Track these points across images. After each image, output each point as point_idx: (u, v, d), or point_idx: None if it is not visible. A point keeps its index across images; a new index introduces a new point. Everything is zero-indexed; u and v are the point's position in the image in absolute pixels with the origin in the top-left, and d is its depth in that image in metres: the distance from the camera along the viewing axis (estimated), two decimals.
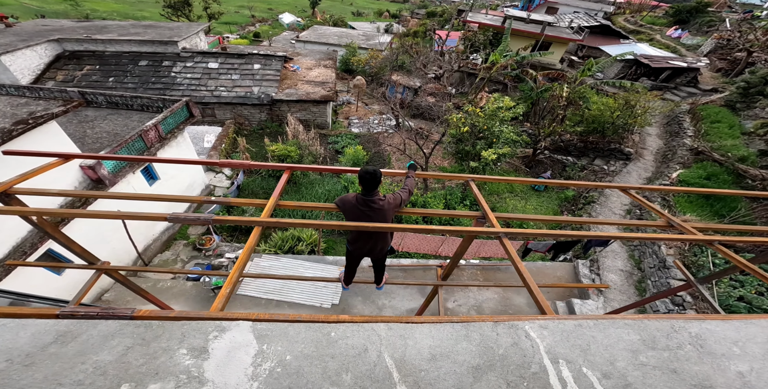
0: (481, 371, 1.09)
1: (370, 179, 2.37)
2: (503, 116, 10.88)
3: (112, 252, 7.20)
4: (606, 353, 1.16)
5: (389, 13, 52.19)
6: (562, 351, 1.17)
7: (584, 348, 1.18)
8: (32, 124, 5.54)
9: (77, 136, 8.55)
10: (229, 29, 34.16)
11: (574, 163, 13.44)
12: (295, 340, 1.08)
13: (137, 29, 17.77)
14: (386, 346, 1.14)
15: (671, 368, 1.11)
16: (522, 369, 1.11)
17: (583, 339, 1.21)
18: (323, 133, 16.65)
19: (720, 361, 1.16)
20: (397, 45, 25.21)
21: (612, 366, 1.12)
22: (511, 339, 1.22)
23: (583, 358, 1.14)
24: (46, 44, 15.36)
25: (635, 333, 1.25)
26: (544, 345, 1.19)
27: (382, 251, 2.95)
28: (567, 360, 1.14)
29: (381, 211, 2.45)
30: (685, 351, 1.18)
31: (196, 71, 15.87)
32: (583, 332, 1.24)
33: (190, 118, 10.07)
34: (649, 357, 1.16)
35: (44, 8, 39.93)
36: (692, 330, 1.28)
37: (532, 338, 1.22)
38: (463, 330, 1.24)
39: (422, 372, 1.06)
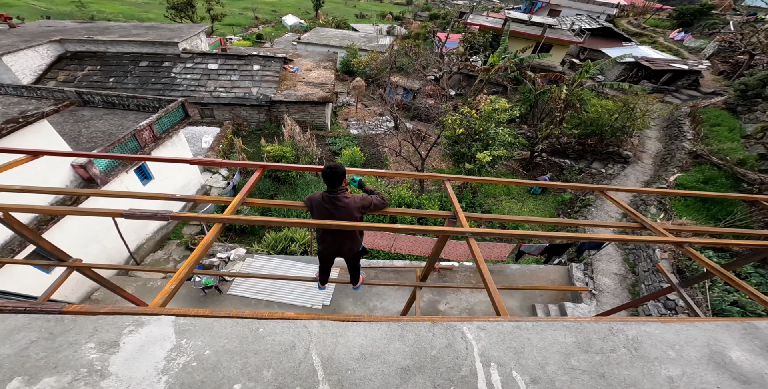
0: (410, 372, 1.06)
1: (329, 174, 2.39)
2: (499, 118, 10.85)
3: (103, 252, 7.22)
4: (539, 356, 1.13)
5: (392, 15, 52.44)
6: (496, 353, 1.14)
7: (518, 351, 1.15)
8: (22, 122, 5.58)
9: (72, 136, 8.61)
10: (233, 31, 34.44)
11: (572, 165, 13.35)
12: (218, 335, 1.06)
13: (139, 30, 17.94)
14: (315, 344, 1.11)
15: (600, 372, 1.08)
16: (452, 371, 1.08)
17: (519, 342, 1.18)
18: (321, 135, 16.69)
19: (651, 365, 1.12)
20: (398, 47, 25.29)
21: (542, 370, 1.09)
22: (447, 340, 1.19)
23: (515, 361, 1.11)
24: (48, 45, 15.53)
25: (572, 335, 1.22)
26: (479, 347, 1.16)
27: (351, 250, 2.92)
28: (499, 363, 1.10)
29: (345, 209, 2.45)
30: (618, 354, 1.15)
31: (196, 72, 15.97)
32: (520, 334, 1.21)
33: (185, 118, 10.11)
34: (581, 360, 1.12)
35: (51, 9, 40.54)
36: (630, 333, 1.24)
37: (468, 340, 1.19)
38: (398, 330, 1.21)
39: (348, 372, 1.04)
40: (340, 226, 2.13)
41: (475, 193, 12.99)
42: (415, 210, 2.69)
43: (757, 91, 11.96)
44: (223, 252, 8.71)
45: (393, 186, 12.46)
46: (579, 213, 10.38)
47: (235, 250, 9.15)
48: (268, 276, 3.98)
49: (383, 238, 8.19)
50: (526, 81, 15.81)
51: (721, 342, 1.24)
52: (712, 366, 1.14)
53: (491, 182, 3.06)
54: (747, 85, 12.27)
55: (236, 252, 9.04)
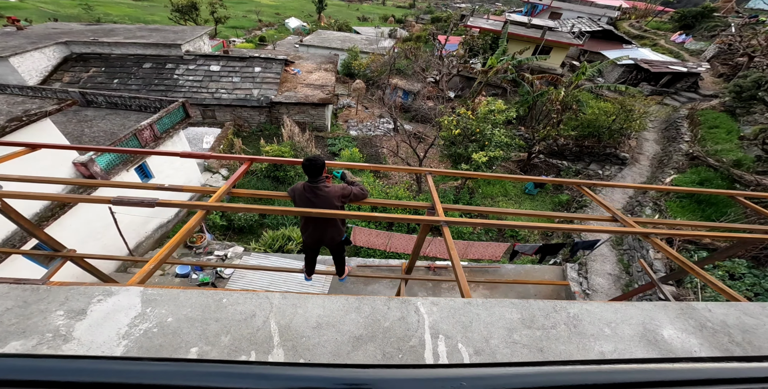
0: (362, 341, 1.14)
1: (309, 166, 2.51)
2: (495, 119, 10.93)
3: (103, 249, 7.35)
4: (485, 330, 1.20)
5: (394, 18, 52.77)
6: (445, 327, 1.21)
7: (466, 325, 1.22)
8: (26, 121, 5.74)
9: (75, 135, 8.80)
10: (236, 33, 34.85)
11: (569, 167, 13.38)
12: (183, 305, 1.14)
13: (143, 32, 18.24)
14: (275, 313, 1.18)
15: (539, 347, 1.15)
16: (402, 341, 1.16)
17: (468, 317, 1.25)
18: (321, 136, 16.84)
19: (587, 341, 1.19)
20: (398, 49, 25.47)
21: (486, 343, 1.16)
22: (400, 313, 1.26)
23: (462, 334, 1.18)
24: (54, 47, 15.83)
25: (518, 312, 1.29)
26: (430, 321, 1.23)
27: (333, 240, 2.99)
28: (447, 335, 1.18)
29: (325, 198, 2.55)
30: (558, 330, 1.22)
31: (198, 73, 16.21)
32: (470, 310, 1.28)
33: (186, 118, 10.28)
34: (523, 335, 1.19)
35: (59, 12, 41.20)
36: (572, 311, 1.31)
37: (421, 313, 1.26)
38: (355, 303, 1.28)
39: (303, 338, 1.10)
40: (321, 214, 2.27)
41: (472, 193, 13.05)
42: (395, 201, 2.78)
43: (751, 93, 11.94)
44: (220, 250, 8.83)
45: (390, 186, 12.55)
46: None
47: (233, 248, 9.27)
48: (260, 268, 4.11)
49: (379, 237, 8.26)
50: (524, 83, 15.91)
51: (656, 321, 1.32)
52: (643, 343, 1.21)
53: (471, 176, 3.17)
54: (741, 86, 12.25)
55: (234, 250, 9.16)
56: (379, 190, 11.88)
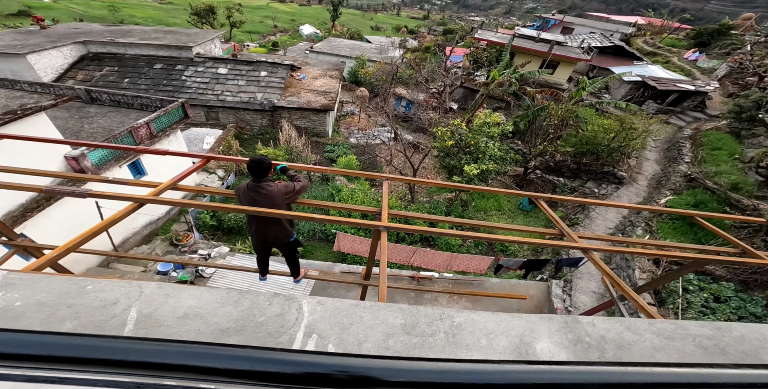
0: (227, 334, 1.10)
1: (254, 167, 2.55)
2: (490, 132, 10.89)
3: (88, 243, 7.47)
4: (362, 333, 1.17)
5: (407, 28, 53.62)
6: (323, 326, 1.18)
7: (345, 327, 1.19)
8: (20, 114, 5.96)
9: (74, 130, 9.08)
10: (251, 38, 35.87)
11: (565, 184, 13.18)
12: (40, 290, 1.10)
13: (158, 34, 18.91)
14: (142, 302, 1.14)
15: (410, 354, 1.11)
16: (270, 337, 1.12)
17: (350, 319, 1.22)
18: (321, 142, 17.01)
19: (459, 351, 1.15)
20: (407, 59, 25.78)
21: (358, 346, 1.12)
22: (281, 310, 1.22)
23: (337, 335, 1.15)
24: (72, 46, 16.49)
25: (402, 318, 1.26)
26: (309, 319, 1.20)
27: (278, 239, 2.96)
28: (321, 335, 1.14)
29: (268, 196, 2.57)
30: (435, 338, 1.18)
31: (206, 76, 16.65)
32: (355, 312, 1.25)
33: (185, 118, 10.54)
34: (398, 341, 1.16)
35: (88, 13, 43.12)
36: (457, 320, 1.27)
37: (302, 312, 1.23)
38: (236, 297, 1.25)
39: (162, 327, 1.07)
40: (267, 213, 2.26)
41: (465, 206, 12.94)
42: (343, 205, 2.75)
43: (751, 114, 11.61)
44: (205, 249, 8.91)
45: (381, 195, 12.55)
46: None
47: (218, 248, 9.34)
48: (239, 268, 4.14)
49: (362, 244, 8.24)
50: (525, 97, 15.87)
51: (536, 334, 1.28)
52: (514, 355, 1.17)
53: (443, 186, 3.15)
54: (741, 106, 11.92)
55: (218, 250, 9.23)
56: (370, 198, 11.88)
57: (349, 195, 11.92)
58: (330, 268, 9.09)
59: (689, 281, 6.38)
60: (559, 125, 13.27)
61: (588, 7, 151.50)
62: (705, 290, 6.23)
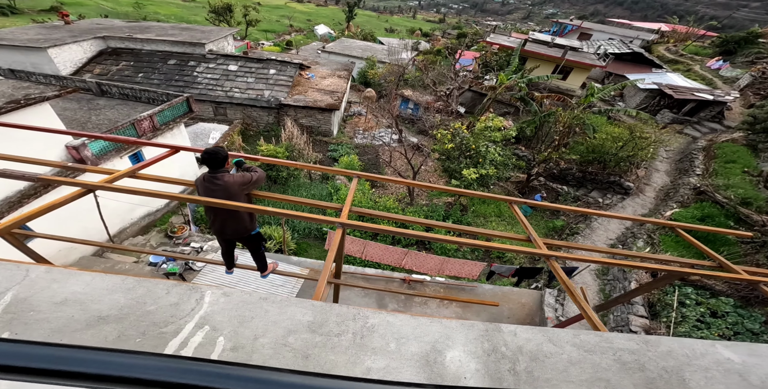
0: (105, 321, 1.07)
1: (207, 158, 2.56)
2: (492, 136, 10.72)
3: (83, 230, 7.65)
4: (262, 328, 1.13)
5: (421, 31, 53.55)
6: (220, 318, 1.14)
7: (245, 320, 1.15)
8: (23, 104, 6.18)
9: (82, 121, 9.38)
10: (266, 36, 36.50)
11: (568, 193, 12.83)
12: None
13: (175, 31, 19.42)
14: (24, 286, 1.12)
15: (307, 353, 1.08)
16: (155, 326, 1.08)
17: (254, 312, 1.18)
18: (325, 141, 17.11)
19: (362, 354, 1.10)
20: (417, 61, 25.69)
21: (254, 341, 1.09)
22: (178, 299, 1.19)
23: (232, 329, 1.11)
24: (92, 40, 17.07)
25: (312, 315, 1.22)
26: (207, 311, 1.16)
27: (238, 232, 2.92)
28: (214, 327, 1.11)
29: (223, 187, 2.55)
30: (342, 339, 1.14)
31: (216, 72, 17.00)
32: (262, 305, 1.21)
33: (189, 112, 10.75)
34: (300, 339, 1.12)
35: (115, 9, 44.68)
36: (372, 321, 1.22)
37: (203, 303, 1.19)
38: (131, 285, 1.22)
39: (31, 313, 1.04)
40: (226, 205, 2.21)
41: (464, 211, 12.75)
42: (305, 200, 2.69)
43: (765, 125, 11.01)
44: (198, 242, 9.03)
45: (380, 196, 12.49)
46: (564, 240, 9.96)
47: (212, 242, 9.46)
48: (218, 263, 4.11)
49: (354, 244, 8.21)
50: (532, 102, 15.57)
51: (451, 341, 1.21)
52: (421, 363, 1.12)
53: (395, 182, 3.08)
54: (756, 117, 11.32)
55: (211, 244, 9.34)
56: (367, 199, 11.84)
57: (346, 194, 11.92)
58: (320, 267, 9.07)
59: (686, 295, 6.11)
60: (565, 132, 12.95)
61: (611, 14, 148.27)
62: (702, 304, 5.95)
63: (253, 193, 2.80)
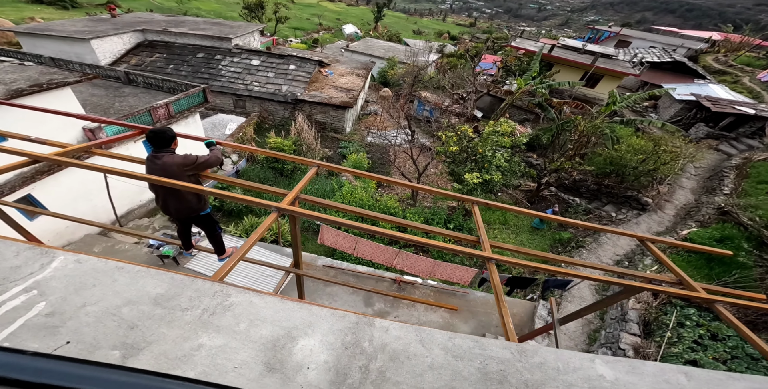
0: None
1: (152, 137, 2.63)
2: (499, 141, 10.39)
3: (92, 210, 8.18)
4: (98, 296, 1.15)
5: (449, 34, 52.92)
6: (55, 284, 1.17)
7: (83, 288, 1.17)
8: (45, 87, 6.70)
9: (105, 106, 10.03)
10: (295, 34, 37.45)
11: (579, 205, 12.19)
12: None
13: (206, 25, 20.34)
14: None
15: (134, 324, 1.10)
16: None
17: (99, 280, 1.21)
18: (337, 137, 17.29)
19: (200, 330, 1.11)
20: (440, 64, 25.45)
21: (80, 308, 1.11)
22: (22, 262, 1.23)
23: (63, 295, 1.14)
24: (132, 33, 18.16)
25: (165, 288, 1.23)
26: (45, 276, 1.20)
27: (181, 211, 2.95)
28: (42, 292, 1.14)
29: (162, 166, 2.60)
30: (186, 314, 1.15)
31: (240, 66, 17.62)
32: (112, 274, 1.24)
33: (204, 102, 11.22)
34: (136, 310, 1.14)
35: (162, 5, 47.20)
36: (232, 300, 1.23)
37: (48, 267, 1.22)
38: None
39: None
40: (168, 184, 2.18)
41: (467, 216, 12.44)
42: (252, 183, 2.65)
43: None
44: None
45: (382, 195, 12.45)
46: (567, 253, 9.47)
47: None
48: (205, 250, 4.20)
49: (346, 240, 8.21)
50: (550, 109, 14.94)
51: (312, 329, 1.18)
52: (265, 347, 1.10)
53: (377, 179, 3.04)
54: None
55: None
56: (369, 196, 11.83)
57: (349, 191, 11.96)
58: (313, 261, 9.14)
59: (687, 316, 5.66)
60: (582, 141, 12.32)
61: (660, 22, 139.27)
62: (703, 326, 5.51)
63: (203, 174, 2.84)
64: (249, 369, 1.03)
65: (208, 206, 3.10)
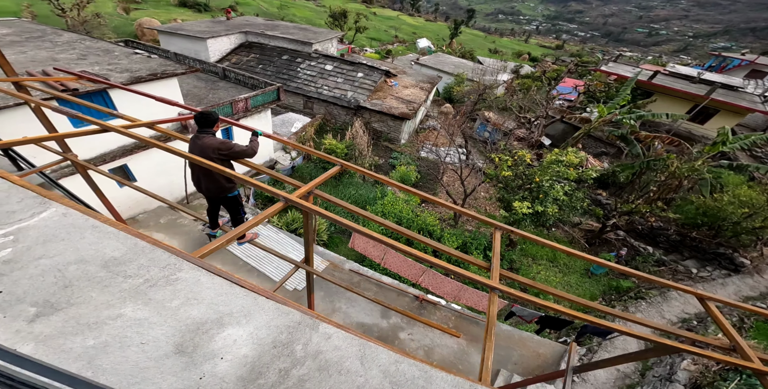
0: None
1: (199, 117, 2.93)
2: (562, 172, 9.48)
3: (168, 184, 9.29)
4: (59, 251, 1.19)
5: (529, 55, 50.75)
6: (32, 233, 1.22)
7: (52, 240, 1.22)
8: (158, 76, 7.94)
9: (200, 96, 11.55)
10: (370, 44, 39.42)
11: (651, 254, 10.45)
12: None
13: (294, 30, 22.41)
14: None
15: (70, 284, 1.12)
16: None
17: (71, 235, 1.25)
18: (391, 147, 17.47)
19: (129, 300, 1.13)
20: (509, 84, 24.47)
21: (35, 260, 1.14)
22: (18, 208, 1.30)
23: (31, 244, 1.20)
24: (237, 34, 20.73)
25: (122, 253, 1.24)
26: (30, 223, 1.27)
27: (210, 191, 3.22)
28: (16, 240, 1.20)
29: (200, 147, 2.87)
30: (126, 282, 1.17)
31: (315, 70, 19.01)
32: (84, 232, 1.29)
33: (276, 100, 12.29)
34: (81, 270, 1.16)
35: (268, 10, 52.84)
36: (181, 275, 1.22)
37: (37, 216, 1.29)
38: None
39: None
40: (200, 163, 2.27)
41: (511, 246, 11.53)
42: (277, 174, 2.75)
43: None
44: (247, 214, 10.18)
45: (423, 210, 12.19)
46: (622, 302, 8.21)
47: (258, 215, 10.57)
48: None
49: (376, 248, 8.19)
50: (636, 143, 13.24)
51: (248, 319, 1.13)
52: (188, 328, 1.08)
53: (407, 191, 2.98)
54: None
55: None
56: (409, 209, 11.60)
57: (391, 201, 11.89)
58: (341, 263, 9.23)
59: (752, 386, 4.39)
60: (671, 185, 10.61)
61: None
62: None
63: (239, 161, 3.00)
64: (155, 347, 0.98)
65: (236, 189, 3.30)
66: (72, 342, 0.93)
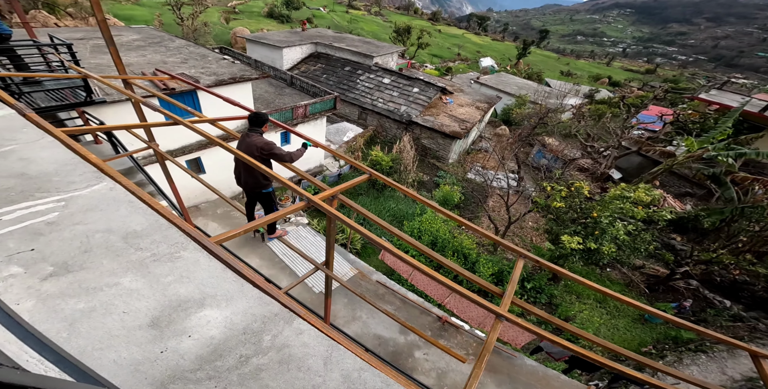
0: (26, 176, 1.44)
1: (251, 118, 3.20)
2: (626, 210, 8.44)
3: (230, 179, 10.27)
4: (93, 221, 1.29)
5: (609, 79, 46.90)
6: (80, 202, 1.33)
7: (92, 210, 1.33)
8: (237, 80, 8.94)
9: (269, 100, 12.68)
10: (431, 60, 39.97)
11: (727, 308, 8.71)
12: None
13: (357, 43, 23.57)
14: None
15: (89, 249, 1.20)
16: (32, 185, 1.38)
17: (109, 207, 1.37)
18: (438, 165, 17.20)
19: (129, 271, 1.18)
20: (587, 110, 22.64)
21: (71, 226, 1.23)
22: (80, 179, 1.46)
23: (74, 212, 1.31)
24: (308, 45, 22.49)
25: (143, 227, 1.32)
26: (81, 194, 1.41)
27: (248, 185, 3.44)
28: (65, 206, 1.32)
29: (247, 144, 3.10)
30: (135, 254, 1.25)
31: (372, 82, 19.71)
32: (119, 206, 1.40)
33: (332, 108, 12.99)
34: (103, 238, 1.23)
35: (340, 23, 56.19)
36: (184, 254, 1.28)
37: (90, 188, 1.44)
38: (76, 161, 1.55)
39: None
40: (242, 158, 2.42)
41: (554, 280, 10.46)
42: (305, 174, 2.92)
43: None
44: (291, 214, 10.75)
45: (461, 232, 11.70)
46: (675, 353, 6.93)
47: (300, 217, 11.07)
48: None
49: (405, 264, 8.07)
50: (730, 185, 11.25)
51: (227, 303, 1.17)
52: (170, 303, 1.11)
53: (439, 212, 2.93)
54: None
55: (299, 219, 10.94)
56: (446, 230, 11.20)
57: (429, 219, 11.62)
58: (369, 273, 9.23)
59: None
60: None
61: None
62: None
63: (281, 163, 3.15)
64: (134, 318, 1.01)
65: (270, 186, 3.50)
66: (66, 303, 1.01)
